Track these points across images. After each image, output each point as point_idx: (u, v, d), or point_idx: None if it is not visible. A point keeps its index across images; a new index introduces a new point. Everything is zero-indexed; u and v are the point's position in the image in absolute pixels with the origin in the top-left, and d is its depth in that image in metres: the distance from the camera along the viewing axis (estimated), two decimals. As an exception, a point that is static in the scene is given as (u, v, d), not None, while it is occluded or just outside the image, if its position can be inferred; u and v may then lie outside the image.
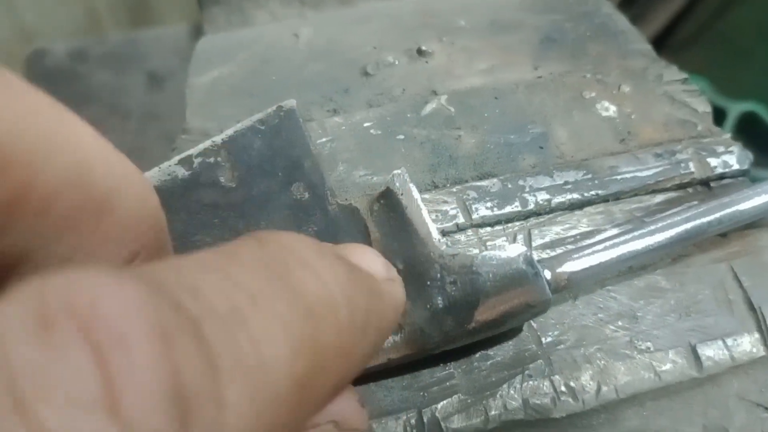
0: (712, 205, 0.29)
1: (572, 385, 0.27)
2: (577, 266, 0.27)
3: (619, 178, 0.32)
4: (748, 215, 0.29)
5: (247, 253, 0.15)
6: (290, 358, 0.13)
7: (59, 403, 0.09)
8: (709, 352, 0.28)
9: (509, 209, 0.31)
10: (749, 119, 0.88)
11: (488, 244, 0.30)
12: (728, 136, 0.34)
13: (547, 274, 0.26)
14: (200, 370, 0.11)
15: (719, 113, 0.87)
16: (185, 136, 0.34)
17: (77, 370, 0.10)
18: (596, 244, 0.28)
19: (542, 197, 0.31)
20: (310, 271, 0.15)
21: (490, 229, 0.31)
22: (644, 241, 0.28)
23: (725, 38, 0.99)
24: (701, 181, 0.32)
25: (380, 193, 0.28)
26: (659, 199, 0.32)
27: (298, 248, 0.16)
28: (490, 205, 0.31)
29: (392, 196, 0.27)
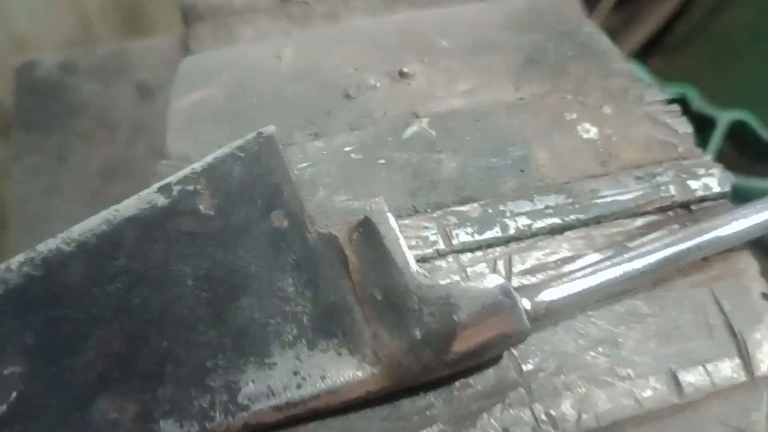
0: (692, 230, 0.29)
1: (552, 413, 0.27)
2: (556, 294, 0.27)
3: (599, 201, 0.32)
4: (728, 241, 0.29)
5: None
6: None
7: None
8: (689, 378, 0.28)
9: (490, 235, 0.31)
10: (739, 127, 0.88)
11: (468, 270, 0.30)
12: (709, 157, 0.34)
13: (525, 303, 0.26)
14: None
15: (709, 122, 0.87)
16: (165, 161, 0.34)
17: None
18: (576, 271, 0.28)
19: (523, 222, 0.31)
20: None
21: (470, 255, 0.30)
22: (623, 267, 0.28)
23: (718, 40, 0.99)
24: (682, 204, 0.32)
25: (359, 222, 0.28)
26: (640, 222, 0.32)
27: None
28: (470, 230, 0.31)
29: (371, 225, 0.27)
